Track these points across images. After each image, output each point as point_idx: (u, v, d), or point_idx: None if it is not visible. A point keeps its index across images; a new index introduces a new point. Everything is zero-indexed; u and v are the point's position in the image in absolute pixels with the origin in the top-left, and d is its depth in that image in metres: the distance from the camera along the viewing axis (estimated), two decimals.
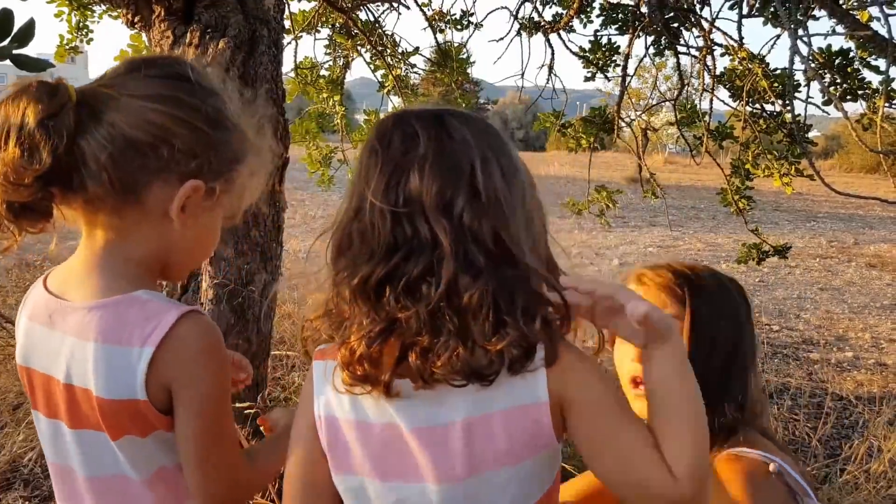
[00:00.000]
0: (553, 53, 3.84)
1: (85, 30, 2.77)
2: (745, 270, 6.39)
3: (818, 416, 2.94)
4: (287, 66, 3.80)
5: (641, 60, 3.71)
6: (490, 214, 0.62)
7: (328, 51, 3.75)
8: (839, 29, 2.66)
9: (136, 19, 1.84)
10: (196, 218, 0.76)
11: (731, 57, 3.18)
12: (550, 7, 3.81)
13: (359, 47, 3.51)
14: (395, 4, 3.10)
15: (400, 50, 3.71)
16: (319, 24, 3.50)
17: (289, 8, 3.24)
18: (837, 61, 2.88)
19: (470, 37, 4.23)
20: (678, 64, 3.71)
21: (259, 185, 0.84)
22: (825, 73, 2.99)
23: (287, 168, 1.82)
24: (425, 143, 0.63)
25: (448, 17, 3.48)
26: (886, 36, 2.30)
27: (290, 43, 3.37)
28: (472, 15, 3.86)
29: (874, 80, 2.85)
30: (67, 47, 2.78)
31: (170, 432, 0.73)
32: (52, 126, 0.66)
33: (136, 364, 0.69)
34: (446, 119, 0.65)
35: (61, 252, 0.82)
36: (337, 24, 3.44)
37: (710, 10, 3.13)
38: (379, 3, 3.10)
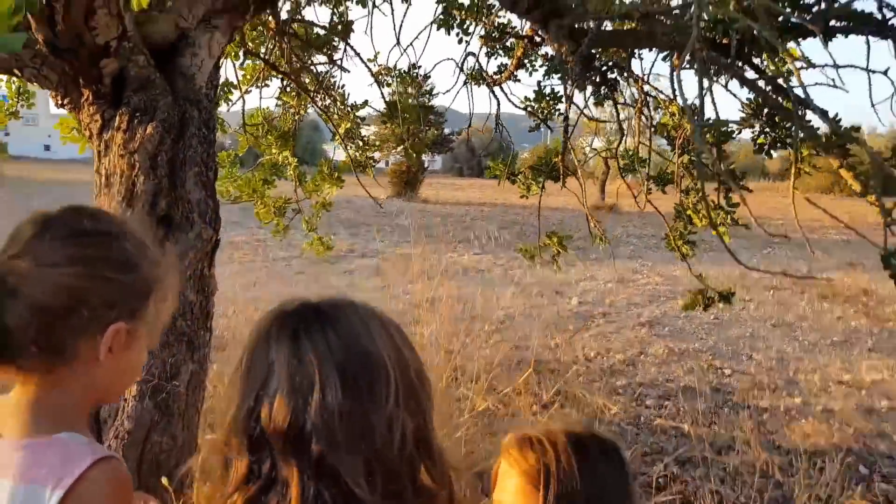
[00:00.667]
0: (499, 104, 3.93)
1: (26, 94, 2.75)
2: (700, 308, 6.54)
3: (764, 474, 3.00)
4: (238, 118, 3.82)
5: (582, 111, 3.82)
6: (337, 442, 0.62)
7: (278, 103, 3.78)
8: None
9: (65, 101, 1.83)
10: (122, 353, 0.80)
11: (662, 111, 3.31)
12: (495, 58, 3.92)
13: (309, 102, 3.54)
14: (339, 64, 3.14)
15: (350, 103, 3.75)
16: (268, 80, 3.53)
17: (235, 66, 3.27)
18: (766, 111, 3.01)
19: (423, 87, 4.30)
20: (617, 114, 3.82)
21: (173, 301, 0.88)
22: (755, 123, 3.13)
23: (217, 250, 1.81)
24: (278, 372, 0.64)
25: (394, 73, 3.54)
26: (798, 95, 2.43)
27: (239, 99, 3.39)
28: (419, 67, 3.93)
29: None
30: (8, 112, 2.76)
31: None
32: None
33: None
34: (301, 338, 0.66)
35: None
36: (284, 81, 3.47)
37: (641, 66, 3.26)
38: (323, 64, 3.14)
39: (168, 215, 1.71)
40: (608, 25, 2.98)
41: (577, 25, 2.84)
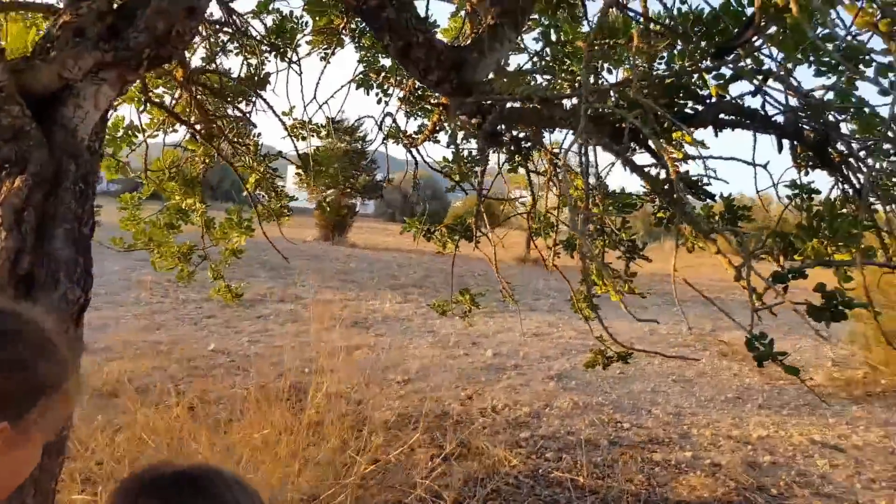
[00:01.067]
0: (416, 164, 4.01)
1: None
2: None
3: None
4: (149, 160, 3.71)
5: (496, 177, 3.97)
6: None
7: (185, 149, 3.71)
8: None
9: None
10: (7, 453, 0.77)
11: (568, 184, 3.48)
12: (415, 119, 4.03)
13: (217, 154, 3.50)
14: (248, 118, 3.14)
15: (262, 153, 3.73)
16: (175, 126, 3.48)
17: (138, 112, 3.20)
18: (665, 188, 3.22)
19: (341, 142, 4.36)
20: (529, 181, 3.99)
21: (74, 399, 0.86)
22: (654, 199, 3.34)
23: (85, 310, 1.74)
24: None
25: (308, 126, 3.57)
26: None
27: (142, 143, 3.31)
28: (338, 122, 3.99)
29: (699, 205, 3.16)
30: None
31: None
32: None
33: None
34: None
35: None
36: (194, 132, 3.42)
37: (551, 138, 3.43)
38: (233, 118, 3.13)
39: (31, 274, 1.63)
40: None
41: (483, 103, 2.96)
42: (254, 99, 3.43)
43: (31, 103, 1.76)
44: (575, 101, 3.00)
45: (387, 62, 3.87)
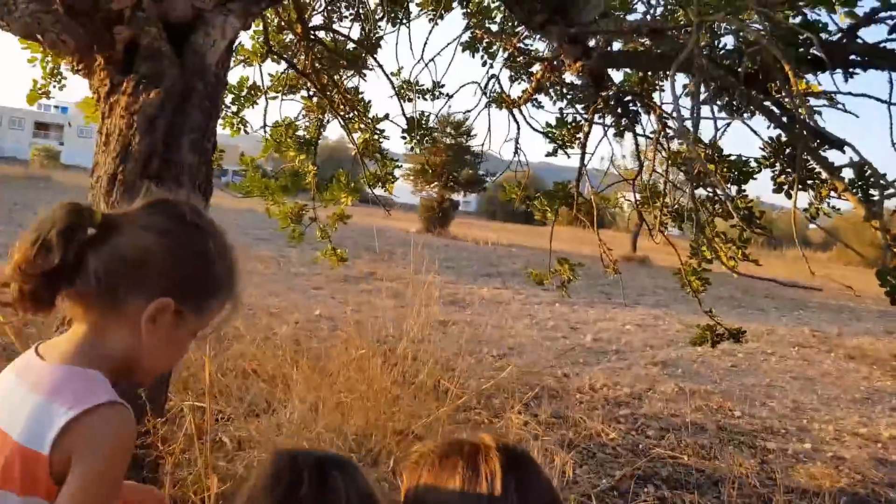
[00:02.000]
0: (519, 128, 3.98)
1: (59, 76, 2.91)
2: (718, 355, 6.33)
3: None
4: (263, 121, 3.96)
5: (601, 141, 3.84)
6: None
7: (305, 112, 3.91)
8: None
9: (79, 66, 1.95)
10: (163, 331, 0.87)
11: (679, 141, 3.30)
12: (519, 83, 4.00)
13: (330, 112, 3.66)
14: (363, 73, 3.26)
15: (371, 115, 3.86)
16: (294, 88, 3.68)
17: (261, 70, 3.41)
18: (788, 151, 2.98)
19: (442, 107, 4.44)
20: (637, 145, 3.83)
21: (227, 314, 0.96)
22: (776, 163, 3.10)
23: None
24: (306, 491, 0.80)
25: (416, 87, 3.64)
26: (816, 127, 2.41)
27: (257, 102, 3.53)
28: (442, 86, 4.04)
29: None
30: (40, 91, 2.92)
31: None
32: (67, 237, 0.82)
33: (56, 421, 0.78)
34: (329, 472, 0.82)
35: None
36: (309, 90, 3.60)
37: (661, 97, 3.27)
38: (345, 71, 3.26)
39: (159, 176, 1.78)
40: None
41: (590, 44, 2.88)
42: (368, 61, 3.54)
43: (169, 30, 1.93)
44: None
45: (493, 27, 3.87)
